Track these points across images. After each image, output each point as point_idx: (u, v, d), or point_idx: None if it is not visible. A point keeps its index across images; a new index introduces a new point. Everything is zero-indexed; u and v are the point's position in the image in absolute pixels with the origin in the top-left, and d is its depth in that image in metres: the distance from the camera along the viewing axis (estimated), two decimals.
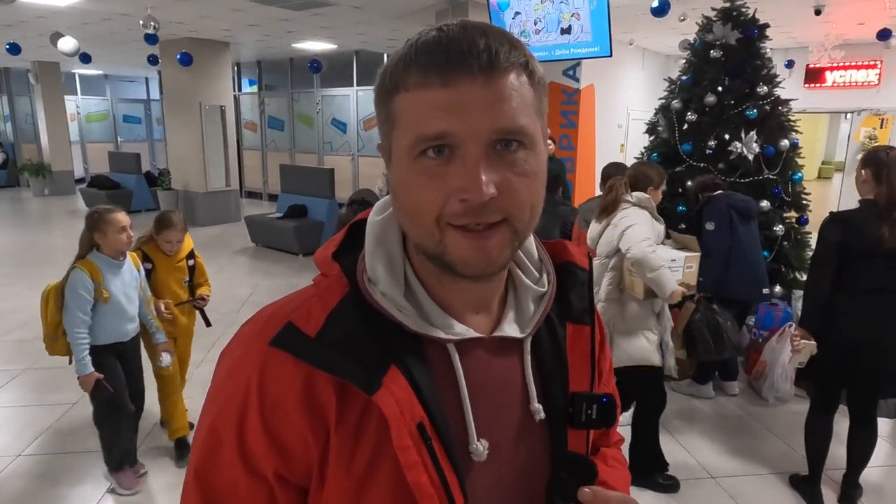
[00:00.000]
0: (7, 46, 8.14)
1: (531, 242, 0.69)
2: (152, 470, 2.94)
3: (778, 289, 4.27)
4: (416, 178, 0.54)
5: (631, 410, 2.91)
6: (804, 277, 4.45)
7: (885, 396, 2.76)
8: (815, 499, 2.72)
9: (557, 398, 0.66)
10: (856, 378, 2.55)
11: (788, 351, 3.66)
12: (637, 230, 2.61)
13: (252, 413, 0.57)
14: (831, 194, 12.37)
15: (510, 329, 0.64)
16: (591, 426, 0.67)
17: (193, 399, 3.68)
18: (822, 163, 17.98)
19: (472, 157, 0.52)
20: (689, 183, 3.96)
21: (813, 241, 4.49)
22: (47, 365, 4.17)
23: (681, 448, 3.19)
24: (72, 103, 14.79)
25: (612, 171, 3.46)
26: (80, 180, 14.07)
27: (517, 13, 5.56)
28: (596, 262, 2.72)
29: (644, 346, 2.67)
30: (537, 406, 0.64)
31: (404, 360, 0.57)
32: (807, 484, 2.77)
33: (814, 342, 2.54)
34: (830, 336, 2.51)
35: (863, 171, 2.53)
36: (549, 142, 6.57)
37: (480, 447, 0.60)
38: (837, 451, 2.86)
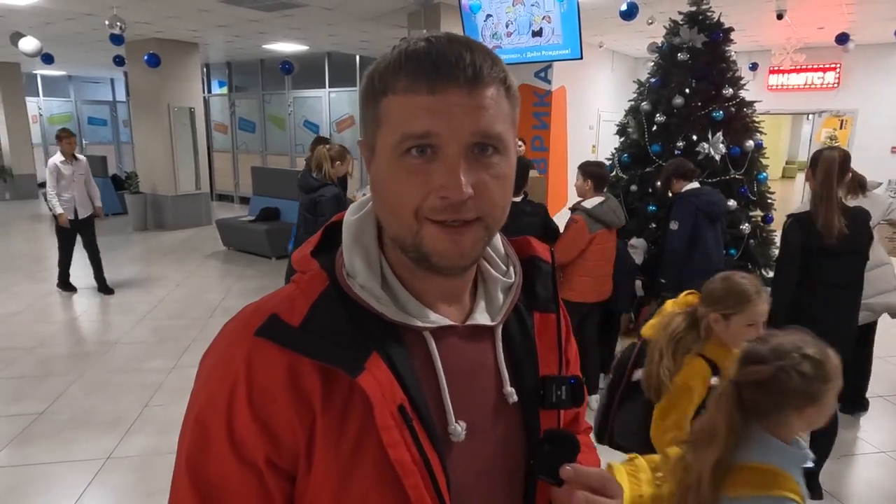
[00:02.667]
0: None
1: (497, 239, 0.73)
2: (137, 468, 2.88)
3: None
4: (399, 174, 0.58)
5: None
6: (770, 274, 4.58)
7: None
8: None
9: (529, 381, 0.70)
10: None
11: None
12: None
13: (240, 402, 0.58)
14: (795, 193, 12.75)
15: (482, 318, 0.68)
16: (560, 406, 0.71)
17: (165, 407, 3.62)
18: (786, 163, 18.48)
19: (453, 157, 0.56)
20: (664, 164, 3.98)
21: (777, 239, 4.65)
22: (11, 375, 4.06)
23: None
24: (34, 105, 14.37)
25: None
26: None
27: (489, 15, 5.60)
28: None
29: None
30: (510, 389, 0.68)
31: (384, 346, 0.61)
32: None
33: None
34: None
35: (812, 171, 2.62)
36: (520, 142, 6.63)
37: (459, 428, 0.63)
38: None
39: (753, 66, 8.46)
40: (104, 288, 5.92)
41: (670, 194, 3.84)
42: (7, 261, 7.41)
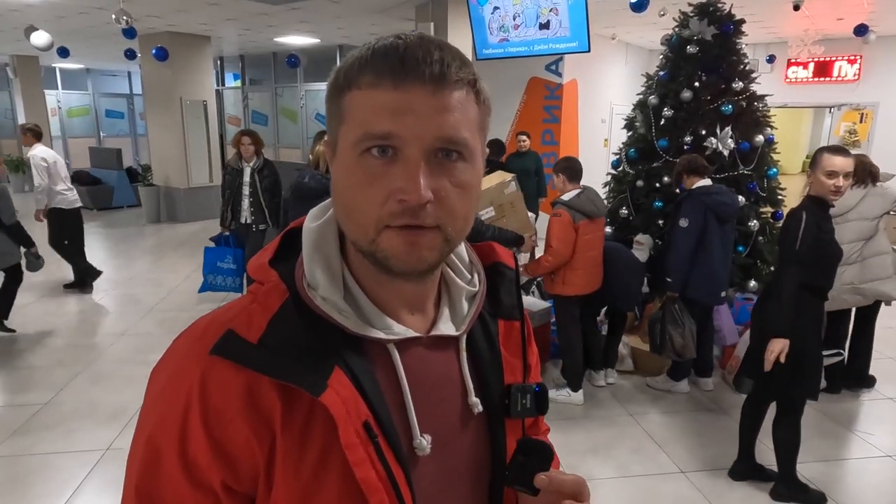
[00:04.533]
0: None
1: (461, 246, 0.71)
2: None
3: (753, 283, 4.30)
4: (359, 175, 0.56)
5: None
6: None
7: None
8: (761, 472, 2.85)
9: (494, 391, 0.69)
10: (798, 371, 2.55)
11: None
12: None
13: (194, 424, 0.56)
14: None
15: (446, 328, 0.67)
16: (525, 415, 0.71)
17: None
18: (807, 157, 18.14)
19: (413, 160, 0.54)
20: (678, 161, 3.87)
21: None
22: (18, 365, 4.13)
23: (651, 442, 3.21)
24: (52, 98, 14.56)
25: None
26: None
27: (496, 8, 5.53)
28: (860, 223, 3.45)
29: None
30: (475, 399, 0.67)
31: (347, 361, 0.59)
32: (746, 464, 2.87)
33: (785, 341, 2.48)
34: (797, 335, 2.49)
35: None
36: (524, 137, 6.56)
37: (424, 442, 0.62)
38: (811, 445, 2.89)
39: (770, 59, 8.28)
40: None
41: (678, 190, 3.78)
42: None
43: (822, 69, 8.98)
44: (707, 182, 3.55)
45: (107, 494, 2.75)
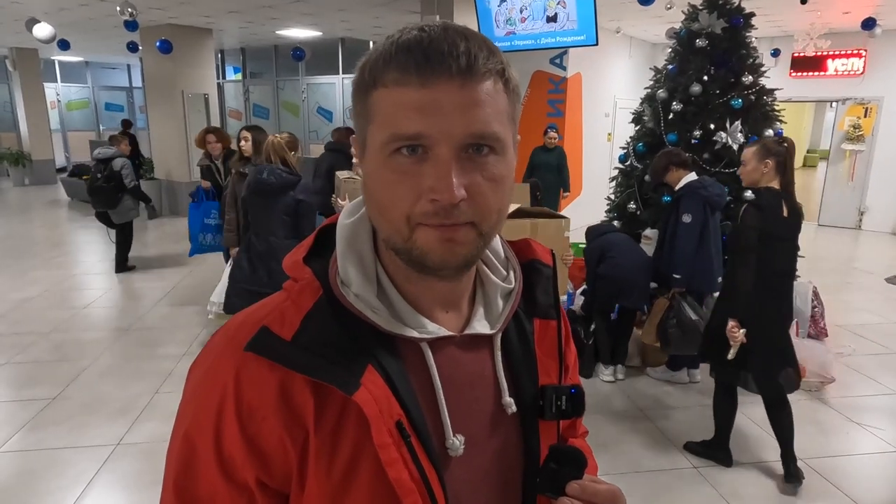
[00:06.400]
0: None
1: (497, 242, 0.70)
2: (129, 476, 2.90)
3: None
4: (389, 175, 0.55)
5: None
6: None
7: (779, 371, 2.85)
8: (728, 457, 2.94)
9: (528, 392, 0.68)
10: (767, 356, 2.70)
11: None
12: None
13: (229, 420, 0.56)
14: (816, 182, 12.48)
15: (480, 326, 0.66)
16: (560, 417, 0.69)
17: (175, 394, 3.64)
18: (808, 151, 18.10)
19: (444, 158, 0.53)
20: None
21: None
22: (25, 359, 4.12)
23: (663, 437, 3.20)
24: (52, 91, 14.52)
25: None
26: (62, 169, 13.84)
27: (503, 0, 5.49)
28: None
29: None
30: (508, 400, 0.66)
31: (380, 359, 0.58)
32: (717, 447, 2.96)
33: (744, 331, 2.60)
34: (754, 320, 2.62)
35: (767, 161, 2.70)
36: (553, 133, 6.57)
37: (457, 442, 0.61)
38: (820, 440, 2.88)
39: (776, 53, 8.24)
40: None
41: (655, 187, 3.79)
42: (25, 246, 7.52)
43: (828, 64, 8.95)
44: (693, 175, 3.56)
45: (118, 490, 2.74)
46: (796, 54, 8.78)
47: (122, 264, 6.27)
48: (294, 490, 0.58)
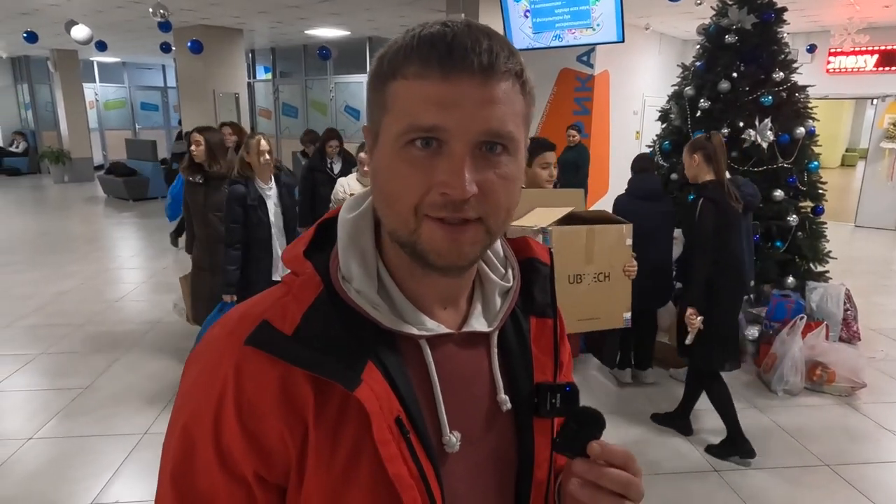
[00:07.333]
0: (24, 35, 8.22)
1: (497, 240, 0.71)
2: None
3: (791, 280, 4.19)
4: (401, 166, 0.56)
5: None
6: (819, 268, 4.36)
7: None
8: (748, 447, 2.95)
9: (523, 389, 0.68)
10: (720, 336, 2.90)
11: (799, 343, 3.61)
12: None
13: (228, 414, 0.56)
14: (855, 182, 12.09)
15: (478, 324, 0.66)
16: (554, 415, 0.69)
17: None
18: (846, 150, 17.56)
19: (458, 154, 0.54)
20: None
21: (828, 233, 4.41)
22: (60, 350, 4.26)
23: (683, 440, 3.15)
24: (90, 91, 14.96)
25: None
26: (99, 167, 14.26)
27: None
28: None
29: None
30: (504, 397, 0.66)
31: (380, 355, 0.59)
32: (734, 442, 2.98)
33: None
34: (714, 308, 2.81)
35: (694, 156, 2.94)
36: (574, 131, 6.52)
37: (453, 439, 0.62)
38: (849, 447, 2.80)
39: (811, 48, 8.01)
40: None
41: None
42: (63, 241, 7.78)
43: (866, 59, 8.66)
44: (727, 175, 3.47)
45: (144, 477, 2.83)
46: (833, 50, 8.52)
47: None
48: (292, 484, 0.58)
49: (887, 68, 8.57)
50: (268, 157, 3.29)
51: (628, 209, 3.38)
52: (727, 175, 3.45)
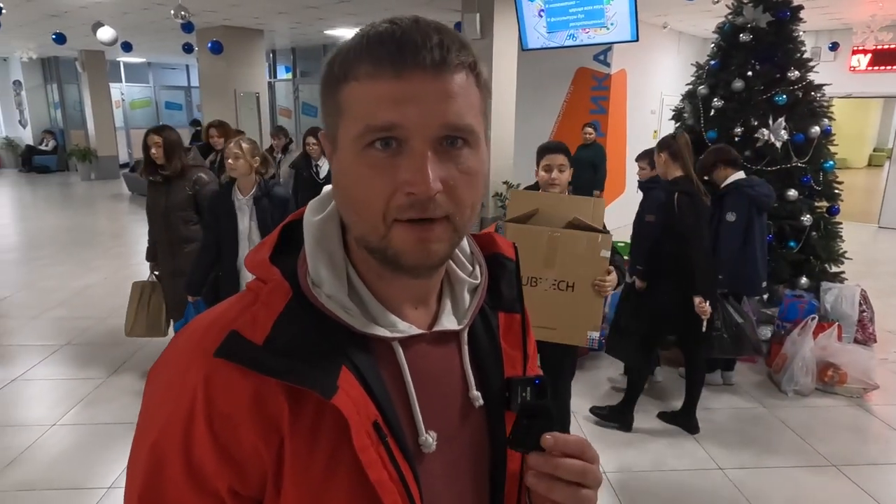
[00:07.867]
0: (53, 36, 8.48)
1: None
2: None
3: (804, 280, 4.16)
4: (363, 170, 0.55)
5: None
6: (833, 269, 4.32)
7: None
8: (628, 423, 3.22)
9: (494, 384, 0.68)
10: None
11: (811, 343, 3.59)
12: None
13: (199, 429, 0.54)
14: (882, 182, 11.83)
15: (448, 322, 0.66)
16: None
17: None
18: (874, 150, 17.18)
19: (419, 151, 0.53)
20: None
21: (850, 234, 4.36)
22: (83, 341, 4.41)
23: (688, 437, 3.16)
24: (116, 90, 15.30)
25: None
26: (125, 165, 14.59)
27: None
28: None
29: None
30: (476, 393, 0.67)
31: (353, 359, 0.58)
32: (623, 413, 3.25)
33: None
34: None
35: (661, 155, 3.07)
36: (590, 129, 6.50)
37: (430, 439, 0.62)
38: (858, 448, 2.78)
39: (833, 46, 7.88)
40: None
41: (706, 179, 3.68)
42: (88, 237, 8.01)
43: (890, 57, 8.49)
44: (742, 174, 3.46)
45: None
46: (856, 48, 8.37)
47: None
48: (269, 496, 0.57)
49: None
50: (232, 163, 2.82)
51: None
52: (737, 174, 3.47)
